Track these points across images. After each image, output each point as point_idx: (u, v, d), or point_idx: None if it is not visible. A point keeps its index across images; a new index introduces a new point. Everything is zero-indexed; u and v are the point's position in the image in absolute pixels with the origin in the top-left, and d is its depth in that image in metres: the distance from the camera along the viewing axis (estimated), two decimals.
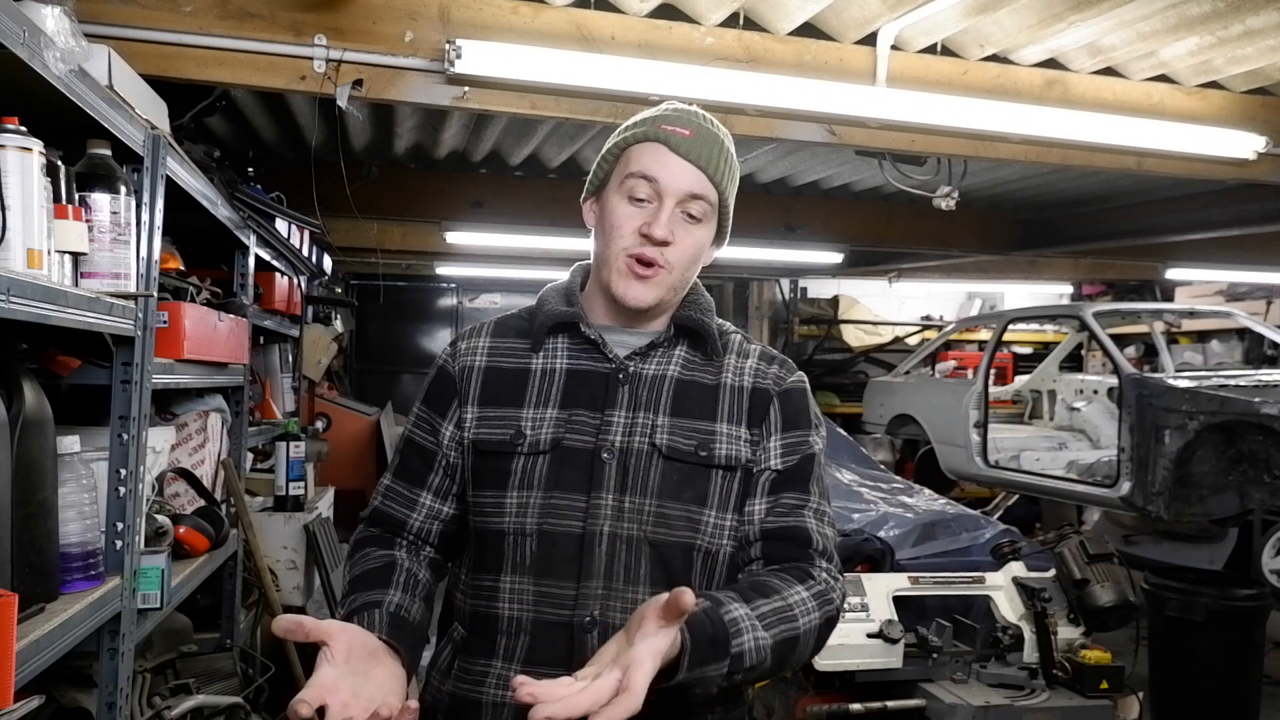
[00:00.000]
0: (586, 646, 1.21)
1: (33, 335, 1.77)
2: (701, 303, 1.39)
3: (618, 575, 1.24)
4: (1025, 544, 3.61)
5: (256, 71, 2.71)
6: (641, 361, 1.32)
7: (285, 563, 3.34)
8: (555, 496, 1.26)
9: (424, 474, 1.36)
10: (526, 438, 1.28)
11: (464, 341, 1.40)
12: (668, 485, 1.27)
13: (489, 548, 1.30)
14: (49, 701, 1.83)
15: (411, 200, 5.38)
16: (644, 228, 1.27)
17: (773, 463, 1.32)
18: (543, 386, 1.31)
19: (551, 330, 1.35)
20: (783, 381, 1.37)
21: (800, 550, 1.29)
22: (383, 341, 9.46)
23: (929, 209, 4.12)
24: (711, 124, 1.33)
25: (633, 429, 1.28)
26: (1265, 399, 4.59)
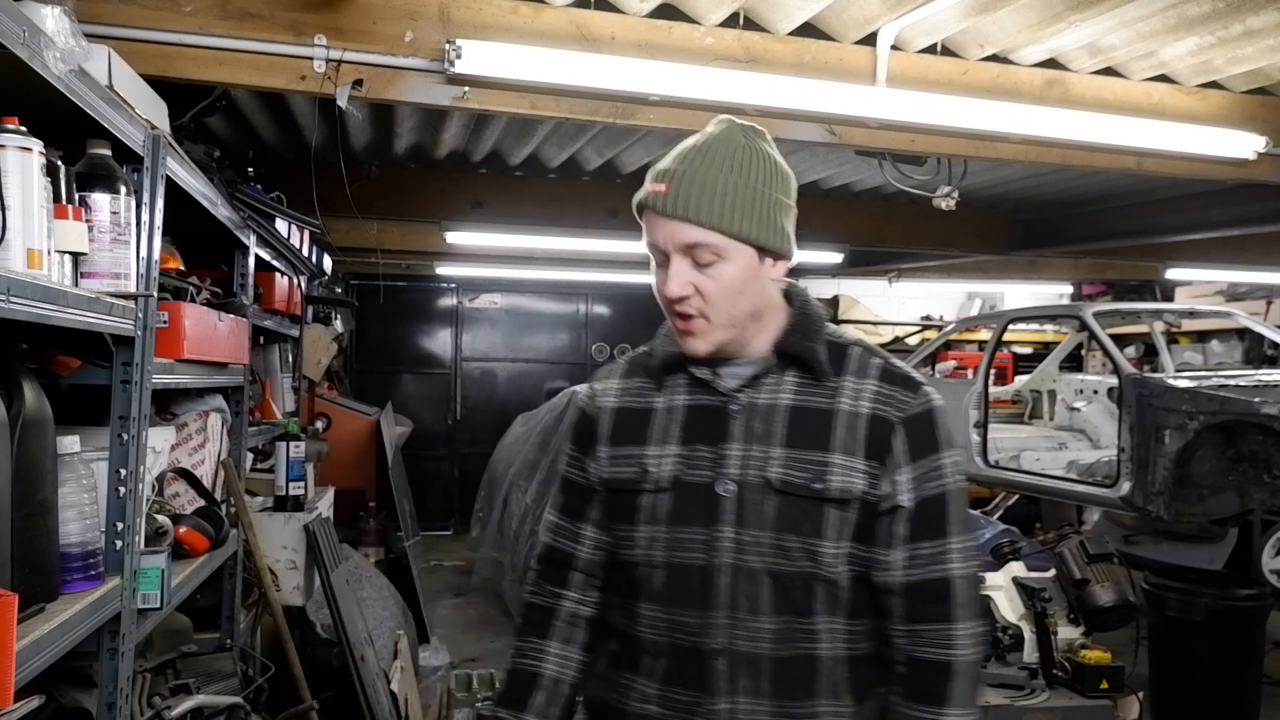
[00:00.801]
0: (714, 672, 1.28)
1: (33, 335, 1.77)
2: (806, 324, 1.36)
3: (741, 605, 1.28)
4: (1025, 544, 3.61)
5: (256, 71, 2.71)
6: (753, 391, 1.33)
7: (285, 563, 3.33)
8: (679, 531, 1.31)
9: (584, 508, 1.45)
10: (650, 474, 1.34)
11: (600, 383, 1.48)
12: (784, 519, 1.27)
13: (628, 576, 1.38)
14: (49, 701, 1.83)
15: (411, 200, 5.38)
16: (662, 289, 1.30)
17: (902, 499, 1.29)
18: (665, 424, 1.36)
19: (668, 369, 1.38)
20: (907, 406, 1.31)
21: (939, 606, 1.28)
22: (383, 341, 9.45)
23: (929, 209, 4.12)
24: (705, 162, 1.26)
25: (747, 462, 1.29)
26: (1265, 399, 4.59)
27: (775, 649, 1.28)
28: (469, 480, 8.68)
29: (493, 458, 7.59)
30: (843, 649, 1.30)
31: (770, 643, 1.28)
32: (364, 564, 4.84)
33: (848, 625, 1.31)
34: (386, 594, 4.64)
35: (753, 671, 1.28)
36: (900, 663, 1.30)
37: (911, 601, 1.29)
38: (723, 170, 1.27)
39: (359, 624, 3.55)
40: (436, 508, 9.29)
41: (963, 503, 1.34)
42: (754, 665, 1.28)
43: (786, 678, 1.28)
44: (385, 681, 3.48)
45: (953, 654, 1.27)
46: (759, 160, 1.30)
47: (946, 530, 1.30)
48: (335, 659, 3.43)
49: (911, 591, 1.29)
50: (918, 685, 1.28)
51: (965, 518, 1.34)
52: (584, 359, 9.97)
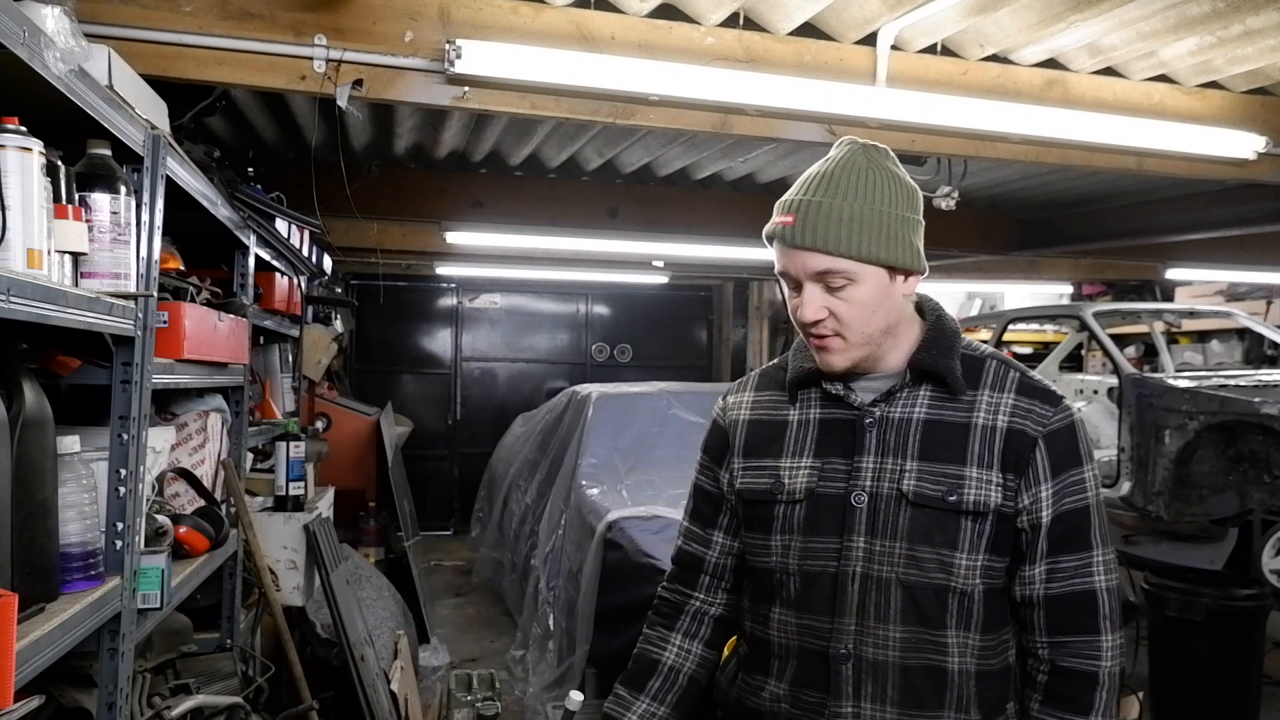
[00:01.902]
0: (841, 676, 1.32)
1: (33, 335, 1.77)
2: (941, 339, 1.39)
3: (869, 613, 1.32)
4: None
5: (256, 71, 2.70)
6: (887, 406, 1.36)
7: (285, 563, 3.33)
8: (812, 540, 1.36)
9: (714, 515, 1.52)
10: (785, 486, 1.38)
11: (732, 396, 1.54)
12: (917, 530, 1.31)
13: (760, 582, 1.44)
14: (49, 701, 1.83)
15: (411, 200, 5.38)
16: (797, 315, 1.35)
17: (1044, 515, 1.31)
18: (799, 436, 1.41)
19: (802, 384, 1.43)
20: (1047, 420, 1.32)
21: (1084, 618, 1.31)
22: (383, 341, 9.45)
23: (929, 209, 4.10)
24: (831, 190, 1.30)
25: (881, 474, 1.33)
26: (1265, 399, 4.59)
27: (903, 657, 1.31)
28: (469, 480, 8.69)
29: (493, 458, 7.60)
30: (972, 664, 1.32)
31: (898, 651, 1.31)
32: (364, 564, 4.84)
33: (981, 640, 1.33)
34: (386, 594, 4.64)
35: (879, 678, 1.31)
36: (1042, 671, 1.34)
37: (1055, 613, 1.32)
38: (847, 198, 1.30)
39: (359, 624, 3.56)
40: (436, 508, 9.30)
41: (1104, 515, 1.36)
42: (880, 672, 1.31)
43: (913, 687, 1.31)
44: (385, 681, 3.48)
45: (1098, 665, 1.31)
46: (883, 181, 1.33)
47: (1090, 543, 1.33)
48: (335, 659, 3.43)
49: (1054, 604, 1.32)
50: (1062, 693, 1.31)
51: (1106, 530, 1.36)
52: (584, 359, 9.97)
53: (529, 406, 7.84)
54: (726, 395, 1.55)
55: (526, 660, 4.80)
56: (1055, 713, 1.32)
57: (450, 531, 9.21)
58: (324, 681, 3.40)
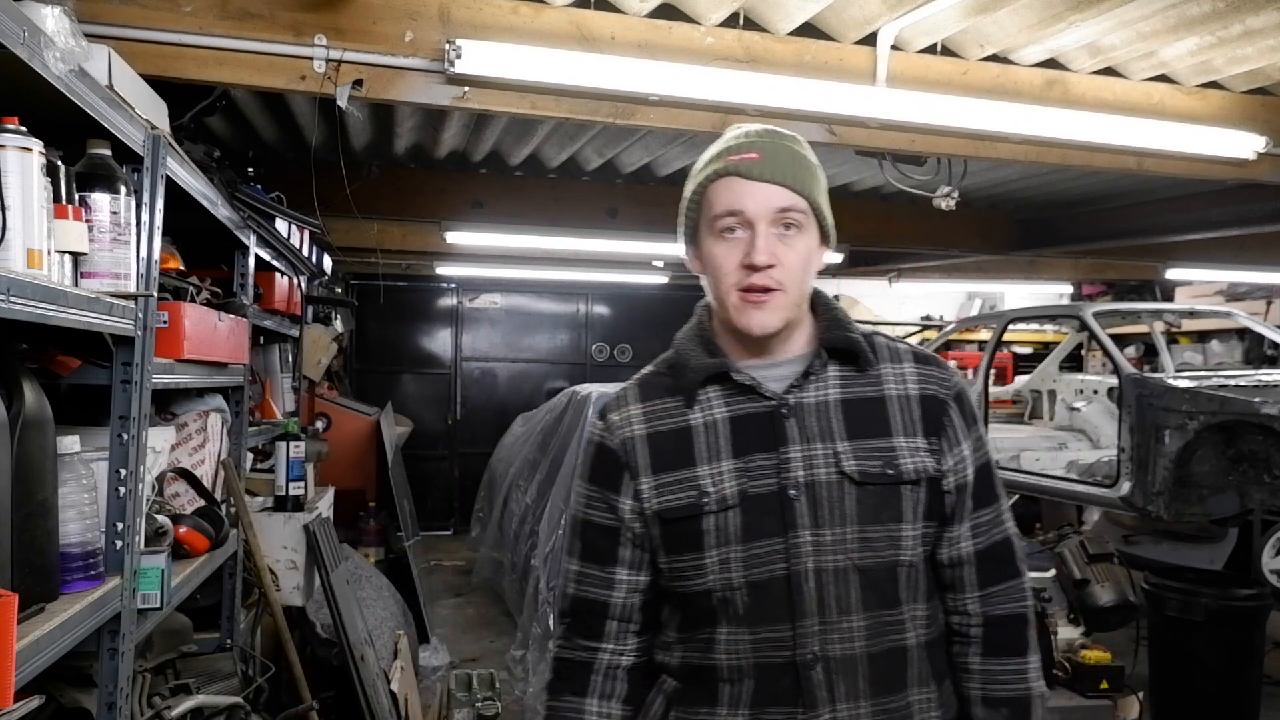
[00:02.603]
0: (813, 682, 1.26)
1: (33, 335, 1.77)
2: (839, 317, 1.38)
3: (830, 608, 1.27)
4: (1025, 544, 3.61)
5: (256, 71, 2.70)
6: (800, 391, 1.32)
7: (285, 563, 3.33)
8: (754, 546, 1.28)
9: (613, 550, 1.36)
10: (711, 495, 1.29)
11: (615, 413, 1.39)
12: (865, 510, 1.28)
13: (695, 607, 1.32)
14: (49, 701, 1.83)
15: (411, 200, 5.38)
16: (745, 259, 1.27)
17: (968, 473, 1.35)
18: (710, 440, 1.32)
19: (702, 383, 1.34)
20: (948, 384, 1.37)
21: (1009, 565, 1.36)
22: (383, 341, 9.45)
23: (929, 209, 4.12)
24: (777, 136, 1.33)
25: (812, 461, 1.28)
26: (1265, 399, 4.59)
27: (869, 645, 1.28)
28: (469, 480, 8.69)
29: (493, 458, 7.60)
30: (923, 634, 1.32)
31: (864, 640, 1.27)
32: (364, 564, 4.84)
33: (925, 610, 1.33)
34: (386, 594, 4.64)
35: (850, 674, 1.27)
36: (975, 625, 1.34)
37: (984, 567, 1.34)
38: (796, 145, 1.33)
39: (359, 624, 3.55)
40: (436, 508, 9.30)
41: None
42: (850, 667, 1.27)
43: (881, 674, 1.28)
44: (385, 681, 3.48)
45: (1025, 606, 1.35)
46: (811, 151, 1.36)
47: (997, 495, 1.38)
48: (335, 659, 3.43)
49: (984, 558, 1.34)
50: (1000, 640, 1.34)
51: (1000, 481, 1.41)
52: (584, 359, 9.97)
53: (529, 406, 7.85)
54: (605, 414, 1.40)
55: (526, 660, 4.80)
56: (999, 660, 1.33)
57: (450, 531, 9.21)
58: (324, 681, 3.40)
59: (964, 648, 1.36)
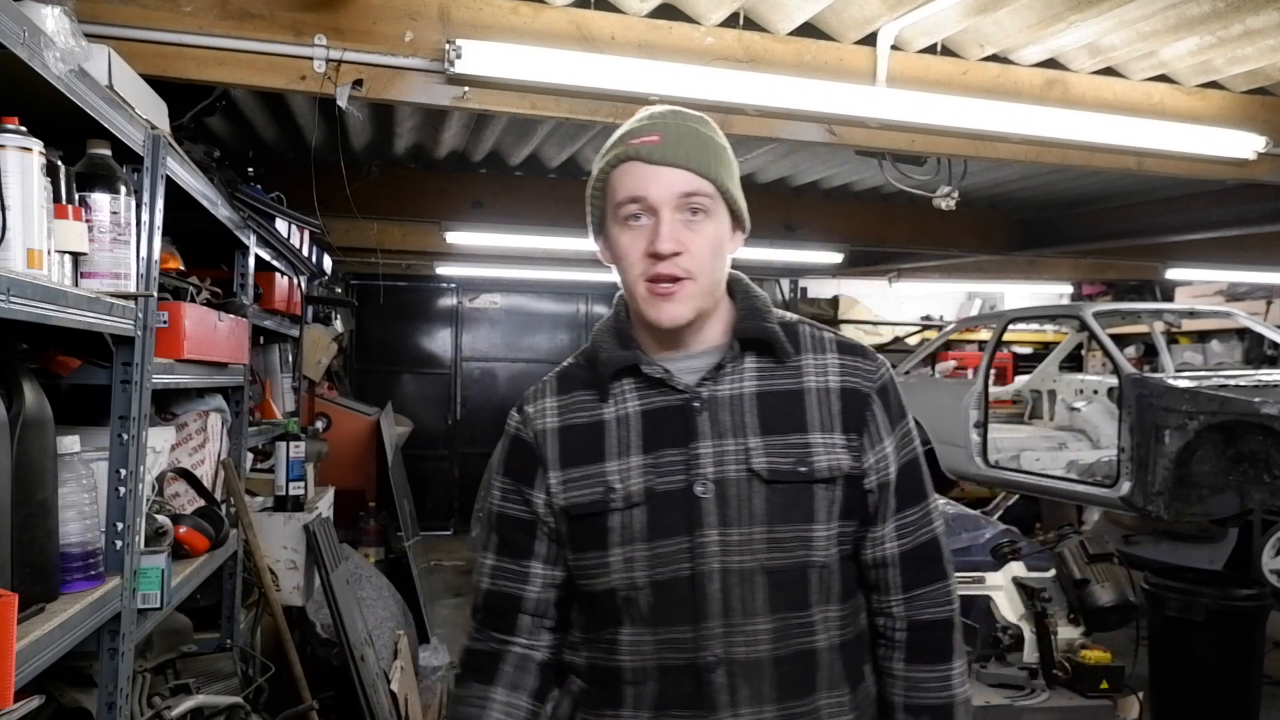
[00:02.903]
0: (714, 686, 1.22)
1: (33, 335, 1.77)
2: (757, 306, 1.33)
3: (735, 610, 1.22)
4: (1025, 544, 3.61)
5: (256, 71, 2.70)
6: (713, 384, 1.27)
7: (285, 563, 3.33)
8: (659, 545, 1.23)
9: (528, 544, 1.32)
10: (618, 492, 1.24)
11: (531, 405, 1.35)
12: (774, 509, 1.23)
13: (600, 606, 1.29)
14: (49, 701, 1.83)
15: (411, 200, 5.38)
16: (649, 247, 1.22)
17: (891, 471, 1.28)
18: (621, 434, 1.27)
19: (614, 376, 1.30)
20: (873, 376, 1.30)
21: (934, 567, 1.31)
22: (383, 341, 9.45)
23: (929, 209, 4.12)
24: (683, 118, 1.28)
25: (723, 457, 1.23)
26: (1265, 399, 4.59)
27: (775, 649, 1.23)
28: (469, 480, 8.68)
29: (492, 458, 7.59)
30: (836, 637, 1.27)
31: (769, 644, 1.23)
32: (364, 564, 4.84)
33: (839, 611, 1.28)
34: (386, 594, 4.64)
35: (754, 678, 1.22)
36: (899, 629, 1.30)
37: (909, 569, 1.29)
38: (701, 126, 1.28)
39: (359, 624, 3.55)
40: (436, 508, 9.30)
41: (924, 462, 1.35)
42: (754, 671, 1.22)
43: (787, 678, 1.24)
44: (385, 681, 3.48)
45: (950, 610, 1.30)
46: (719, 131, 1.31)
47: (925, 493, 1.32)
48: (335, 659, 3.43)
49: (908, 559, 1.29)
50: (924, 644, 1.29)
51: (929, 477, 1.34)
52: None
53: None
54: (522, 406, 1.36)
55: None
56: (922, 666, 1.28)
57: (450, 531, 9.21)
58: (324, 681, 3.39)
59: (888, 652, 1.31)
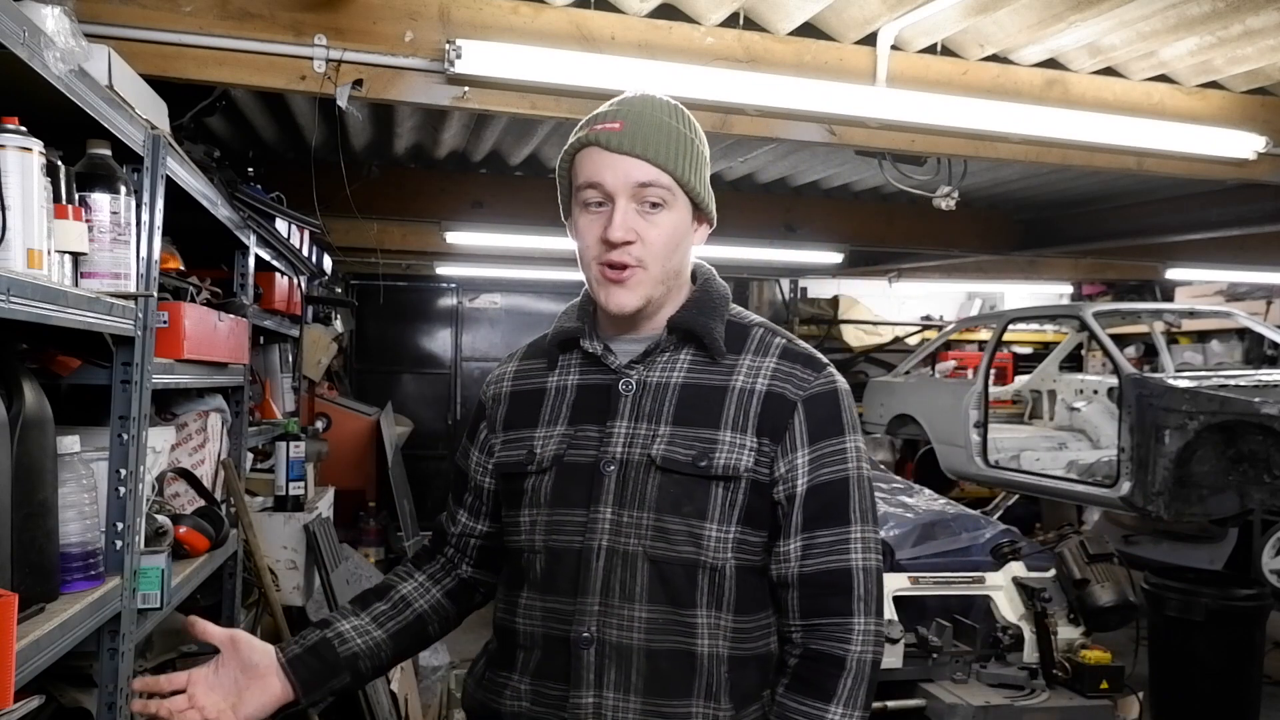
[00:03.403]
0: (583, 663, 1.21)
1: (33, 335, 1.77)
2: (706, 300, 1.32)
3: (614, 591, 1.21)
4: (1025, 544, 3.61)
5: (256, 71, 2.70)
6: (645, 369, 1.28)
7: (285, 563, 3.34)
8: (558, 513, 1.27)
9: (461, 494, 1.47)
10: (536, 456, 1.30)
11: (499, 368, 1.46)
12: (665, 499, 1.21)
13: (512, 564, 1.35)
14: (49, 701, 1.83)
15: (411, 200, 5.38)
16: (603, 234, 1.23)
17: (799, 484, 1.23)
18: (555, 403, 1.33)
19: (562, 347, 1.35)
20: (808, 385, 1.25)
21: (838, 599, 1.22)
22: (383, 341, 9.45)
23: (929, 209, 4.12)
24: (651, 106, 1.28)
25: (633, 440, 1.24)
26: (1265, 399, 4.59)
27: (648, 640, 1.20)
28: None
29: None
30: (723, 647, 1.22)
31: (644, 633, 1.21)
32: (364, 564, 4.84)
33: (734, 622, 1.23)
34: None
35: (623, 664, 1.20)
36: (795, 656, 1.24)
37: (809, 594, 1.23)
38: (669, 117, 1.28)
39: None
40: (436, 508, 9.14)
41: (868, 490, 1.27)
42: (624, 657, 1.20)
43: (658, 673, 1.20)
44: (385, 681, 3.48)
45: (847, 649, 1.21)
46: (691, 121, 1.32)
47: (848, 518, 1.24)
48: None
49: (808, 583, 1.23)
50: (806, 677, 1.22)
51: (869, 507, 1.27)
52: None
53: None
54: (498, 368, 1.47)
55: None
56: (795, 698, 1.21)
57: None
58: None
59: (779, 677, 1.26)
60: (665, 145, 1.24)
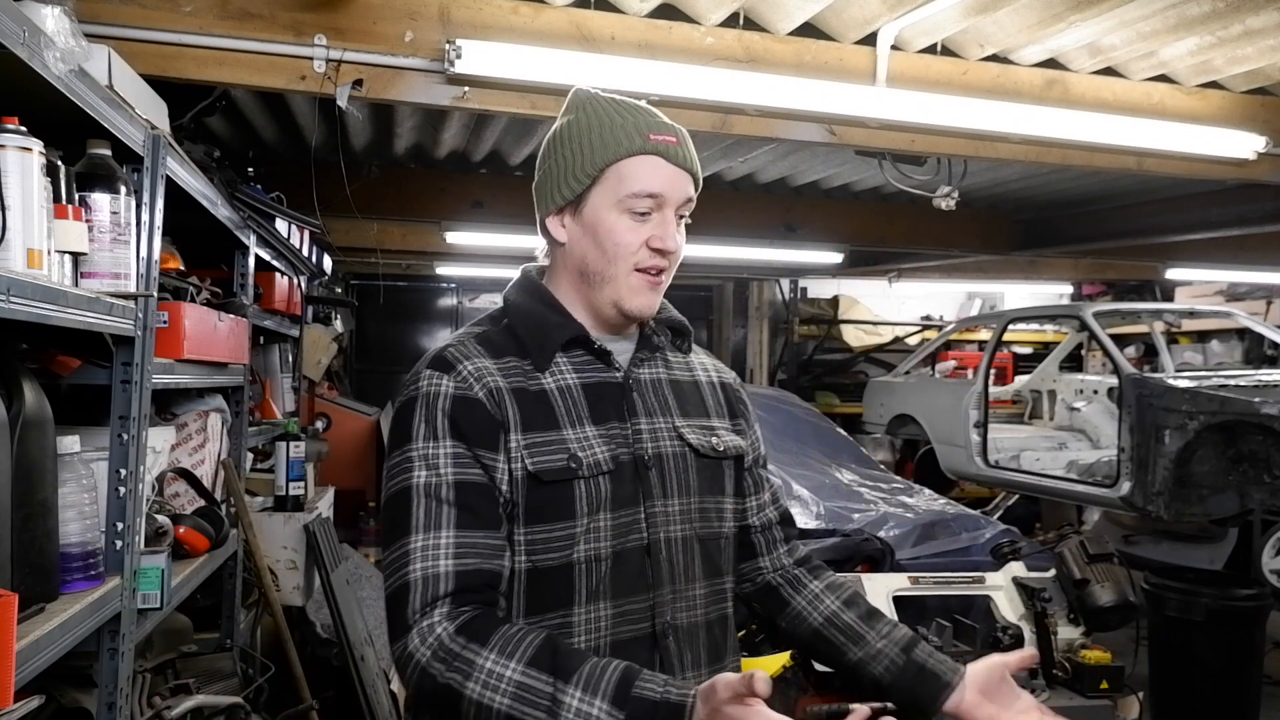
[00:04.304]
0: (668, 653, 1.26)
1: (33, 335, 1.77)
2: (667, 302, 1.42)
3: (679, 577, 1.29)
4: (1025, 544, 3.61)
5: (256, 71, 2.70)
6: (638, 368, 1.35)
7: (285, 563, 3.33)
8: (621, 515, 1.25)
9: (496, 514, 1.20)
10: (583, 460, 1.23)
11: (466, 364, 1.25)
12: (703, 481, 1.34)
13: (552, 582, 1.21)
14: (49, 701, 1.83)
15: (411, 200, 5.38)
16: (653, 241, 1.27)
17: (761, 451, 1.49)
18: (567, 404, 1.26)
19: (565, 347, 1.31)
20: (734, 374, 1.52)
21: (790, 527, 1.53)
22: (383, 341, 9.46)
23: (929, 209, 4.12)
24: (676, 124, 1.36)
25: (656, 434, 1.31)
26: (1265, 399, 4.59)
27: (706, 613, 1.32)
28: None
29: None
30: (732, 605, 1.39)
31: (702, 608, 1.31)
32: (364, 564, 4.84)
33: (735, 581, 1.42)
34: None
35: (693, 642, 1.29)
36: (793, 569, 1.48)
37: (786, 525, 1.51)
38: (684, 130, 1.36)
39: (359, 624, 3.55)
40: None
41: None
42: (693, 635, 1.29)
43: (714, 641, 1.33)
44: (385, 681, 3.48)
45: None
46: None
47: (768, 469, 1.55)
48: (335, 659, 3.43)
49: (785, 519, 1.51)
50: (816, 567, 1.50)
51: None
52: None
53: None
54: (455, 366, 1.24)
55: None
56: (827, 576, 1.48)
57: None
58: (324, 681, 3.39)
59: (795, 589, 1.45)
60: (698, 166, 1.34)
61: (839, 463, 4.92)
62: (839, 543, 3.51)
